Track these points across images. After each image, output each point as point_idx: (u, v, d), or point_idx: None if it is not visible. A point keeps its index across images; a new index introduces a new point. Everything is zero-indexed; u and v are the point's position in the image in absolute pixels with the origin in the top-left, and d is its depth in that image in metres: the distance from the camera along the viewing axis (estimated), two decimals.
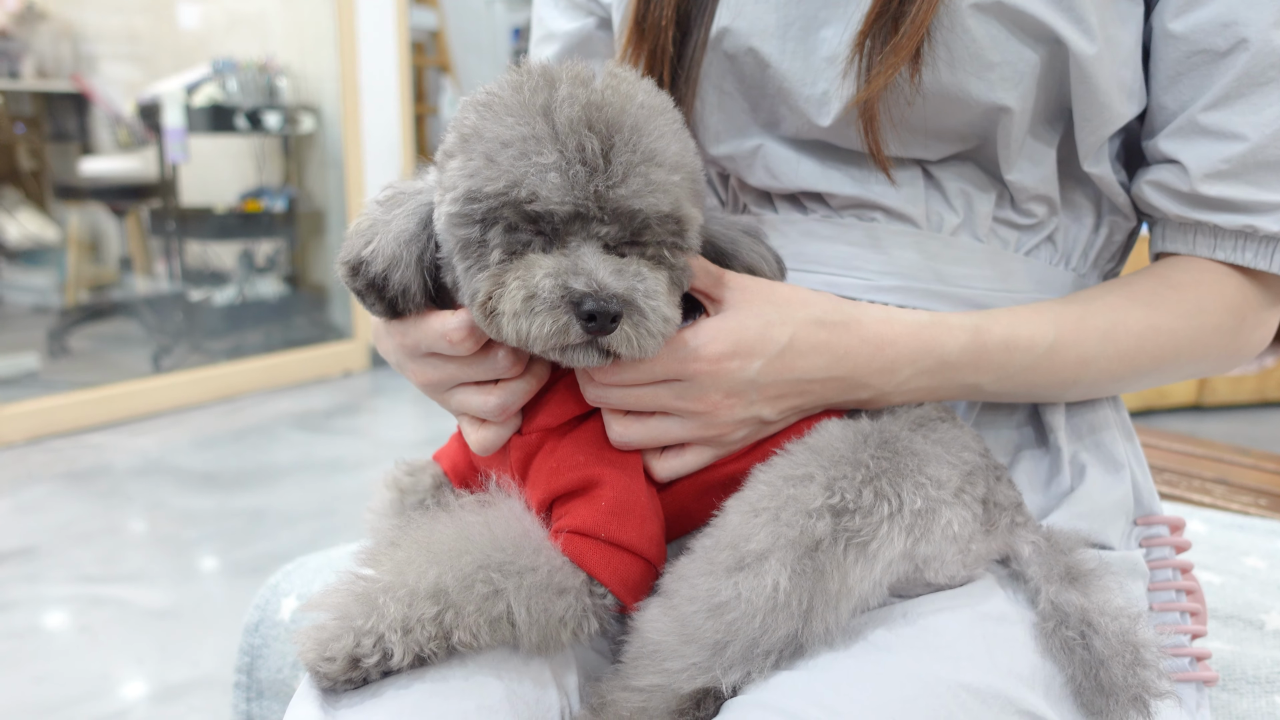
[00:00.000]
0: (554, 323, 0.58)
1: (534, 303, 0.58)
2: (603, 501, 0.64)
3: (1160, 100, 0.74)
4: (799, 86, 0.76)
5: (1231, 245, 0.74)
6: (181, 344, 4.29)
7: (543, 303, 0.58)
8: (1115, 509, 0.77)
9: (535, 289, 0.58)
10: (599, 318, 0.58)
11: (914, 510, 0.63)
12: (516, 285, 0.59)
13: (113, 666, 2.02)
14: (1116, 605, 0.65)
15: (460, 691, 0.60)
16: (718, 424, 0.67)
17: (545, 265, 0.59)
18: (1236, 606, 1.05)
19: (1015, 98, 0.71)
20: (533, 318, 0.58)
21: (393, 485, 0.79)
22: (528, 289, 0.58)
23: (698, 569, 0.62)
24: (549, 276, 0.58)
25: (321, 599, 0.61)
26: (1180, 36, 0.71)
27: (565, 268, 0.59)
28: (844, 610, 0.61)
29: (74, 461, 3.24)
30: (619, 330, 0.59)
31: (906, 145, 0.76)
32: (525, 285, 0.59)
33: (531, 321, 0.58)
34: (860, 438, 0.66)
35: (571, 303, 0.58)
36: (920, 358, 0.70)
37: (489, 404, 0.68)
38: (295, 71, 4.50)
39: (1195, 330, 0.74)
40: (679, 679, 0.61)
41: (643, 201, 0.59)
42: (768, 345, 0.66)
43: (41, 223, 4.49)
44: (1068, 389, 0.75)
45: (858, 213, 0.79)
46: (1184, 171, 0.72)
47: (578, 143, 0.58)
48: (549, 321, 0.58)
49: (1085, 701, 0.64)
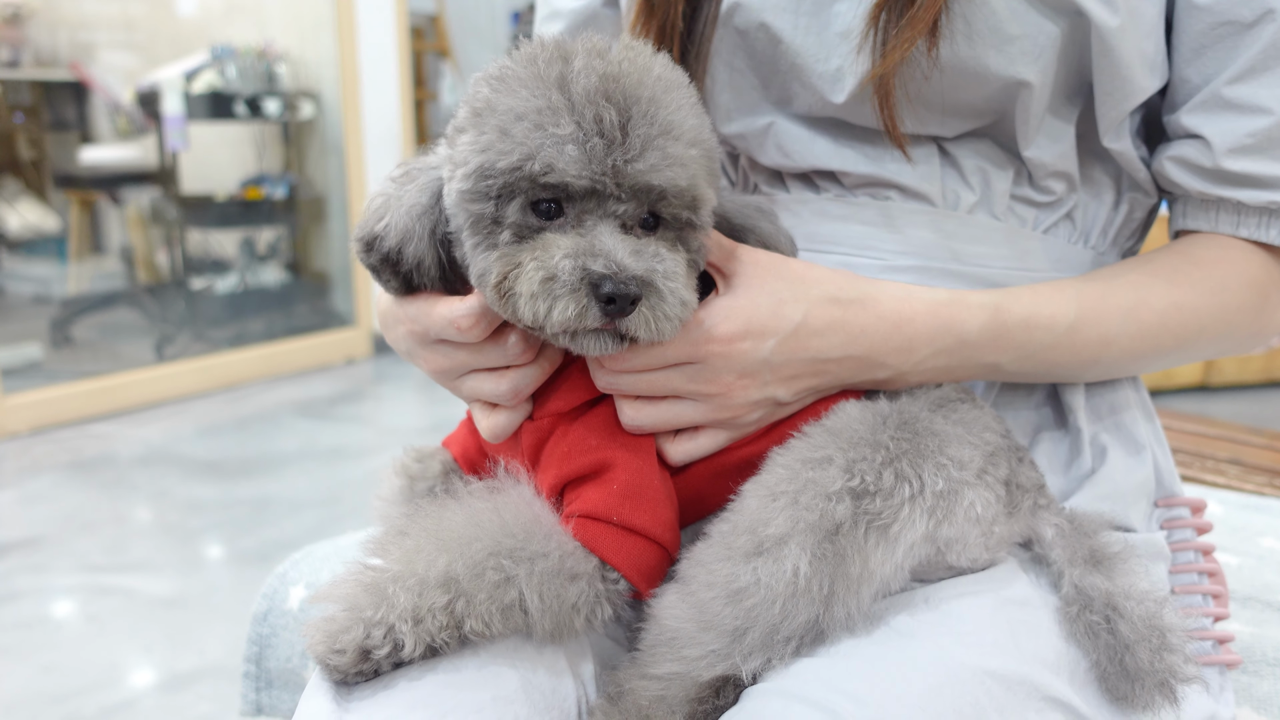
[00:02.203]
0: (575, 306, 0.57)
1: (553, 285, 0.57)
2: (614, 485, 0.63)
3: (1183, 73, 0.72)
4: (812, 62, 0.74)
5: (1256, 222, 0.72)
6: (184, 333, 4.28)
7: (562, 285, 0.57)
8: (1137, 491, 0.75)
9: (554, 270, 0.57)
10: (618, 300, 0.56)
11: (936, 492, 0.62)
12: (534, 266, 0.57)
13: (120, 655, 2.02)
14: (1141, 589, 0.64)
15: (474, 682, 0.59)
16: (731, 406, 0.66)
17: (563, 245, 0.57)
18: (1255, 588, 1.04)
19: (1035, 72, 0.69)
20: (552, 300, 0.57)
21: (402, 472, 0.78)
22: (546, 270, 0.57)
23: (715, 554, 0.61)
24: (568, 258, 0.57)
25: (330, 590, 0.60)
26: (1204, 7, 0.69)
27: (583, 248, 0.57)
28: (865, 595, 0.60)
29: (78, 451, 3.24)
30: (637, 313, 0.57)
31: (922, 122, 0.74)
32: (543, 266, 0.57)
33: (552, 304, 0.57)
34: (879, 419, 0.65)
35: (591, 284, 0.56)
36: (939, 336, 0.68)
37: (501, 389, 0.67)
38: (294, 57, 4.48)
39: (1219, 308, 0.73)
40: (698, 667, 0.60)
41: (661, 176, 0.58)
42: (781, 324, 0.65)
43: (42, 212, 4.47)
44: (1089, 368, 0.74)
45: (872, 191, 0.77)
46: (1207, 146, 0.71)
47: (595, 114, 0.57)
48: (570, 305, 0.57)
49: (1110, 687, 0.63)
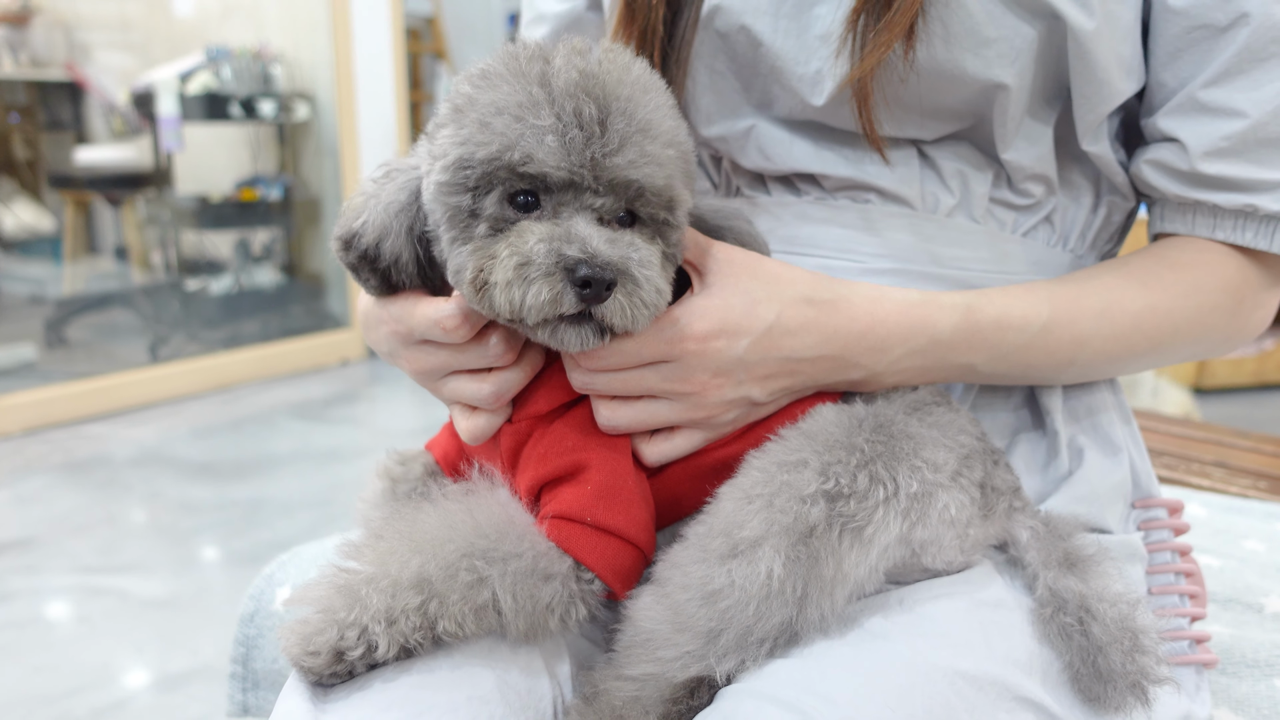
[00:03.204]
0: (549, 290, 0.57)
1: (527, 269, 0.57)
2: (589, 485, 0.64)
3: (1159, 77, 0.73)
4: (792, 65, 0.74)
5: (1231, 225, 0.72)
6: (178, 334, 4.28)
7: (537, 269, 0.57)
8: (1113, 492, 0.76)
9: (529, 255, 0.57)
10: (594, 284, 0.57)
11: (910, 494, 0.62)
12: (509, 253, 0.58)
13: (113, 656, 2.02)
14: (1115, 591, 0.65)
15: (450, 682, 0.59)
16: (707, 405, 0.67)
17: (538, 231, 0.58)
18: (1236, 590, 1.04)
19: (1012, 75, 0.70)
20: (526, 285, 0.57)
21: (384, 475, 0.78)
22: (520, 256, 0.57)
23: (691, 556, 0.62)
24: (542, 242, 0.57)
25: (304, 593, 0.60)
26: (1180, 11, 0.69)
27: (558, 234, 0.58)
28: (839, 597, 0.60)
29: (72, 452, 3.23)
30: (613, 299, 0.58)
31: (901, 124, 0.74)
32: (517, 252, 0.57)
33: (526, 289, 0.57)
34: (855, 422, 0.65)
35: (565, 269, 0.57)
36: (911, 336, 0.69)
37: (483, 391, 0.67)
38: (290, 59, 4.47)
39: (1193, 310, 0.73)
40: (672, 667, 0.60)
41: (638, 172, 0.59)
42: (754, 323, 0.65)
43: (37, 213, 4.47)
44: (1063, 370, 0.74)
45: (852, 194, 0.78)
46: (1183, 150, 0.71)
47: (575, 107, 0.57)
48: (544, 289, 0.57)
49: (1083, 688, 0.64)
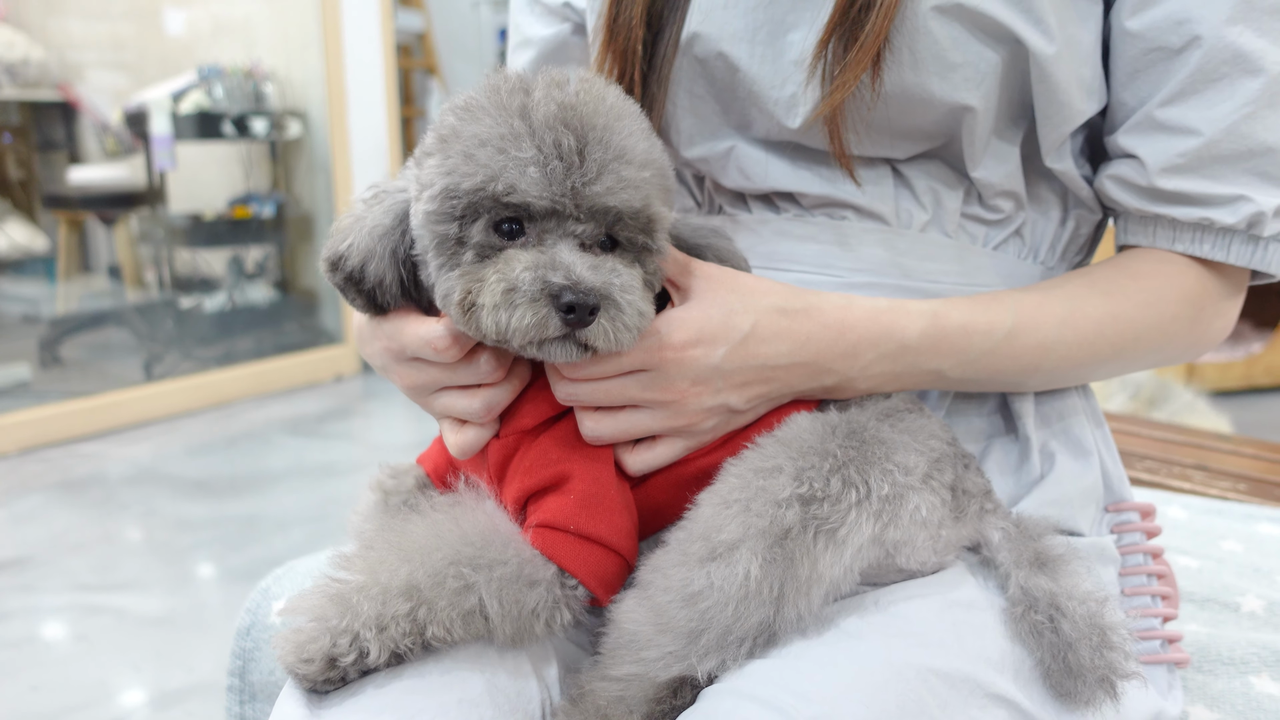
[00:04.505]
0: (534, 315, 0.60)
1: (514, 295, 0.60)
2: (572, 495, 0.66)
3: (1120, 97, 0.75)
4: (768, 89, 0.77)
5: (1190, 237, 0.75)
6: (173, 351, 4.29)
7: (523, 295, 0.60)
8: (1085, 496, 0.78)
9: (515, 282, 0.60)
10: (578, 310, 0.59)
11: (881, 496, 0.65)
12: (496, 279, 0.60)
13: (110, 674, 2.03)
14: (1084, 590, 0.67)
15: (440, 686, 0.61)
16: (686, 413, 0.69)
17: (524, 259, 0.61)
18: (1213, 590, 1.07)
19: (978, 97, 0.73)
20: (513, 310, 0.60)
21: (377, 488, 0.80)
22: (507, 282, 0.60)
23: (672, 560, 0.64)
24: (528, 270, 0.60)
25: (297, 602, 0.62)
26: (1136, 34, 0.72)
27: (543, 262, 0.60)
28: (815, 596, 0.63)
29: (67, 471, 3.24)
30: (596, 324, 0.60)
31: (874, 145, 0.77)
32: (505, 279, 0.60)
33: (511, 314, 0.60)
34: (828, 429, 0.68)
35: (550, 295, 0.59)
36: (881, 341, 0.71)
37: (473, 406, 0.69)
38: (281, 77, 4.50)
39: (1153, 319, 0.76)
40: (655, 668, 0.63)
41: (616, 199, 0.61)
42: (731, 332, 0.68)
43: (30, 232, 4.48)
44: (1030, 375, 0.76)
45: (829, 211, 0.80)
46: (1142, 166, 0.74)
47: (554, 139, 0.60)
48: (529, 314, 0.60)
49: (1054, 684, 0.66)
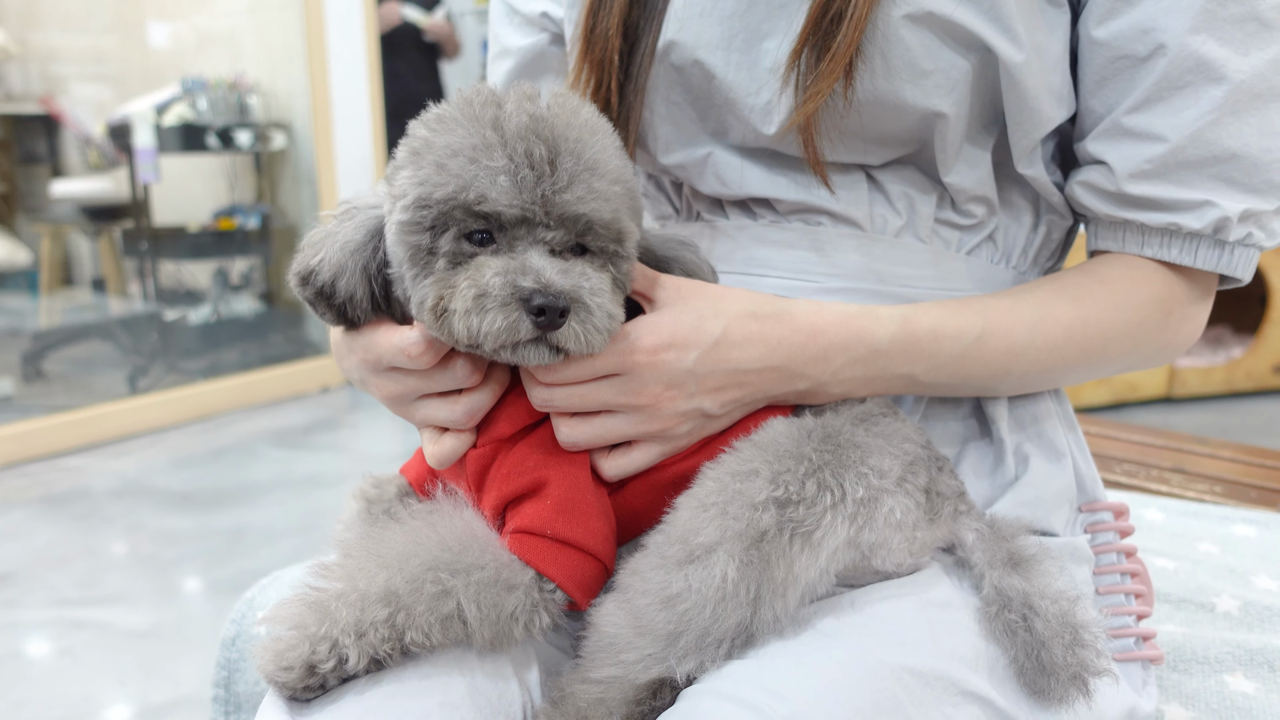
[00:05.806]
0: (505, 319, 0.61)
1: (485, 300, 0.61)
2: (549, 500, 0.67)
3: (1088, 104, 0.77)
4: (744, 97, 0.78)
5: (1158, 242, 0.76)
6: (157, 364, 4.27)
7: (493, 300, 0.61)
8: (1058, 497, 0.79)
9: (486, 287, 0.61)
10: (548, 312, 0.60)
11: (856, 499, 0.66)
12: (467, 285, 0.61)
13: (95, 689, 2.02)
14: (1057, 588, 0.68)
15: (421, 690, 0.62)
16: (661, 417, 0.70)
17: (494, 265, 0.62)
18: (1189, 590, 1.08)
19: (950, 104, 0.74)
20: (484, 314, 0.61)
21: (360, 497, 0.80)
22: (478, 288, 0.61)
23: (650, 563, 0.65)
24: (498, 275, 0.61)
25: (276, 611, 0.63)
26: (1103, 42, 0.73)
27: (514, 268, 0.61)
28: (791, 598, 0.63)
29: (51, 485, 3.22)
30: (567, 326, 0.62)
31: (848, 151, 0.78)
32: (475, 284, 0.61)
33: (483, 318, 0.61)
34: (804, 433, 0.69)
35: (521, 299, 0.60)
36: (851, 346, 0.72)
37: (455, 413, 0.70)
38: (266, 89, 4.50)
39: (1122, 324, 0.77)
40: (635, 670, 0.63)
41: (586, 207, 0.62)
42: (702, 336, 0.69)
43: (13, 246, 4.46)
44: (1001, 379, 0.77)
45: (804, 217, 0.81)
46: (1110, 172, 0.75)
47: (526, 149, 0.61)
48: (500, 318, 0.61)
49: (1028, 681, 0.67)
